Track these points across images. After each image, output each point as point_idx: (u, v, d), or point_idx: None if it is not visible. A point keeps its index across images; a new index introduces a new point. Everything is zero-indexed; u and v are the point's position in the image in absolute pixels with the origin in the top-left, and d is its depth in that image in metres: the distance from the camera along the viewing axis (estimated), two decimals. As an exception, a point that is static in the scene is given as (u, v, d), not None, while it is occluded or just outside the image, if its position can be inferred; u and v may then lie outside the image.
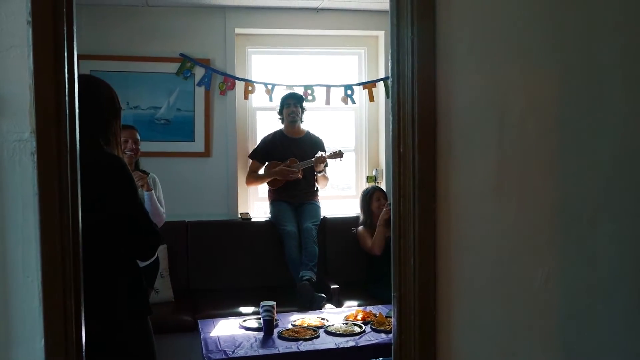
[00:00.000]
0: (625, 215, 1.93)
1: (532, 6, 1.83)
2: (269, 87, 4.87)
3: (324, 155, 4.70)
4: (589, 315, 1.92)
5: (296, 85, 4.93)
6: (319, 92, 4.97)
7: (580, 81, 1.88)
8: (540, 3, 1.84)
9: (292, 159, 4.75)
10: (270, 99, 4.89)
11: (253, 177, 4.86)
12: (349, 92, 5.00)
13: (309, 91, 4.94)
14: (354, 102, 5.07)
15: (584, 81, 1.88)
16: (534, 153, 1.86)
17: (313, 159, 4.69)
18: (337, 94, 5.01)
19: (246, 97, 4.85)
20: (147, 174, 3.59)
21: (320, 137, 4.93)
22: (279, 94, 4.87)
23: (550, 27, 1.85)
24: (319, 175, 4.82)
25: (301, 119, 4.83)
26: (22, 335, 1.53)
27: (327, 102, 4.99)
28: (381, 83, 5.01)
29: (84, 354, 1.58)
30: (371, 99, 5.00)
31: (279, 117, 4.84)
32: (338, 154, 4.75)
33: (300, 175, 4.69)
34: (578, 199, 1.90)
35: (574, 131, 1.88)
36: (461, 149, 1.80)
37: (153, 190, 3.56)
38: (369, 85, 5.01)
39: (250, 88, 4.83)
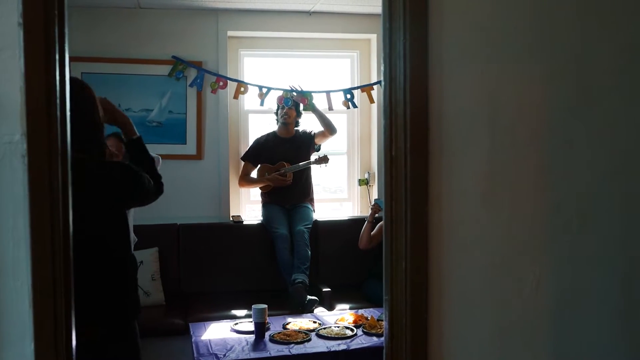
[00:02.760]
0: (616, 218, 1.94)
1: (524, 11, 1.84)
2: (264, 90, 4.78)
3: (310, 161, 4.75)
4: (580, 319, 1.93)
5: (294, 91, 4.79)
6: (318, 98, 4.87)
7: (571, 85, 1.89)
8: (532, 8, 1.85)
9: (280, 162, 4.75)
10: (262, 104, 4.80)
11: (245, 180, 4.87)
12: (348, 95, 4.91)
13: (308, 97, 4.81)
14: (355, 106, 4.99)
15: (575, 85, 1.89)
16: (525, 156, 1.87)
17: (300, 164, 4.74)
18: (335, 98, 4.94)
19: (236, 97, 4.77)
20: None
21: (310, 131, 4.90)
22: (273, 98, 4.81)
23: (541, 32, 1.86)
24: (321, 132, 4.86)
25: (296, 123, 4.82)
26: (11, 338, 1.52)
27: (330, 108, 4.89)
28: (378, 86, 4.95)
29: (74, 356, 1.57)
30: (371, 100, 4.93)
31: (275, 118, 4.84)
32: (323, 159, 4.76)
33: (290, 181, 4.70)
34: (569, 203, 1.91)
35: (564, 135, 1.89)
36: (453, 153, 1.81)
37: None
38: (367, 88, 4.95)
39: (242, 89, 4.77)
